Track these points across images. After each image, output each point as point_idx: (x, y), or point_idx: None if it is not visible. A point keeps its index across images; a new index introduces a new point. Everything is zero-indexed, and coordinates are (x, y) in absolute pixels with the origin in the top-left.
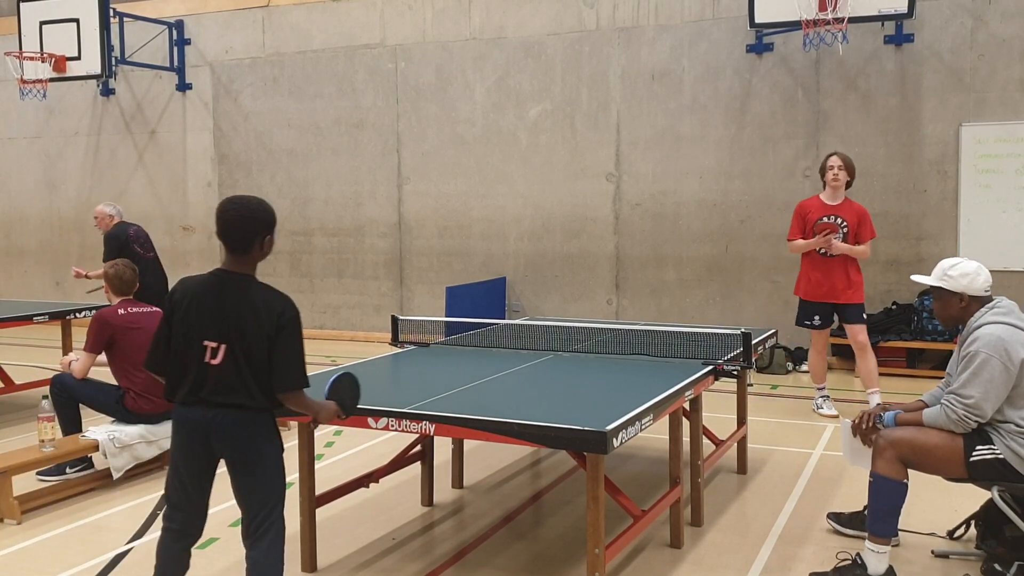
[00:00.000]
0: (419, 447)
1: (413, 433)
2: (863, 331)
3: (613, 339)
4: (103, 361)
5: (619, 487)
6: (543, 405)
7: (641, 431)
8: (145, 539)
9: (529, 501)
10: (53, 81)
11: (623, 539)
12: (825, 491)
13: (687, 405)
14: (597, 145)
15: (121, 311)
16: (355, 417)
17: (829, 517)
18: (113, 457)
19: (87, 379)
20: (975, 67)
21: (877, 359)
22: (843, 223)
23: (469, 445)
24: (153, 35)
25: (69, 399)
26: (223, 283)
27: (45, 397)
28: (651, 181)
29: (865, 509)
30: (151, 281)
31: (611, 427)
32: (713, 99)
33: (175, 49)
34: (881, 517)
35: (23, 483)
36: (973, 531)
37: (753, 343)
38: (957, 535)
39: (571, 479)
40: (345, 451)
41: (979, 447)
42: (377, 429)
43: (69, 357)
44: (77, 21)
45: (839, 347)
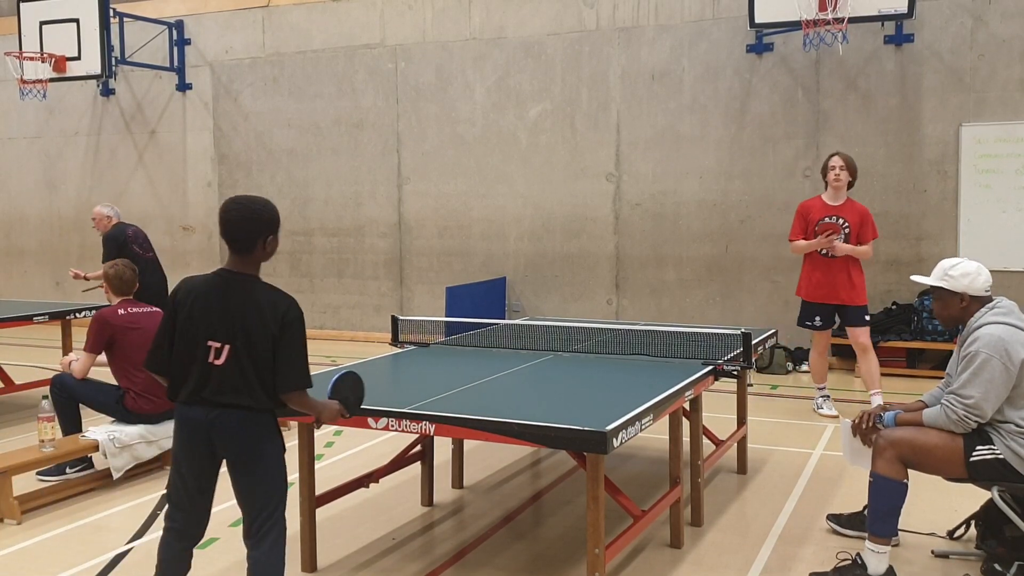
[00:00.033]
0: (419, 447)
1: (413, 433)
2: (865, 333)
3: (613, 339)
4: (103, 361)
5: (619, 487)
6: (543, 405)
7: (641, 431)
8: (145, 539)
9: (529, 501)
10: (53, 81)
11: (623, 539)
12: (825, 491)
13: (687, 405)
14: (597, 145)
15: (121, 311)
16: (355, 417)
17: (829, 519)
18: (113, 457)
19: (87, 379)
20: (975, 67)
21: (877, 359)
22: (845, 223)
23: (469, 445)
24: (153, 35)
25: (69, 399)
26: (227, 283)
27: (45, 397)
28: (651, 181)
29: (865, 509)
30: (151, 281)
31: (611, 427)
32: (713, 99)
33: (175, 49)
34: (881, 517)
35: (23, 483)
36: (973, 531)
37: (753, 343)
38: (957, 535)
39: (571, 479)
40: (345, 451)
41: (979, 447)
42: (377, 429)
43: (69, 357)
44: (77, 21)
45: (839, 347)
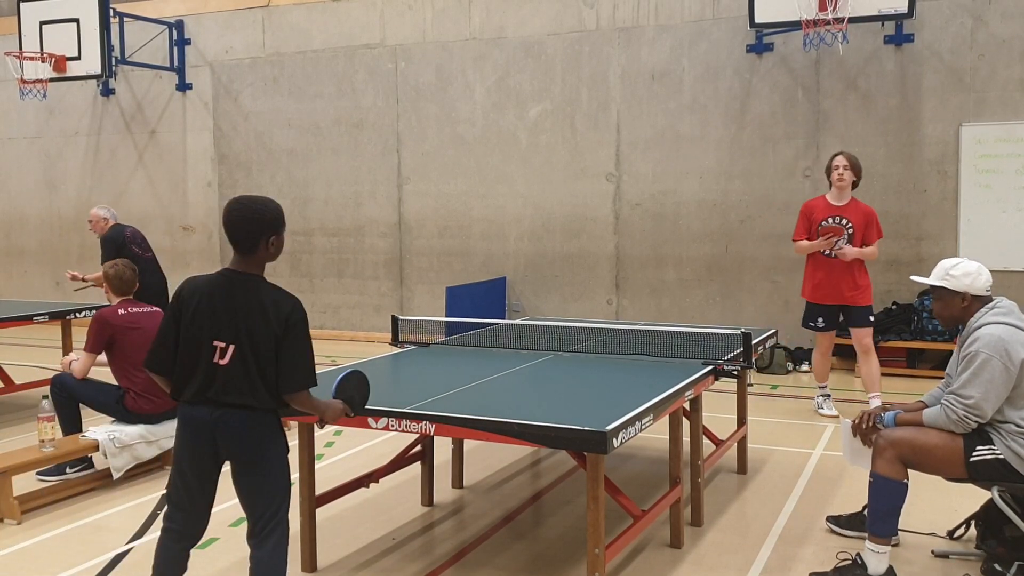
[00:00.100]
0: (419, 447)
1: (413, 433)
2: (868, 335)
3: (613, 339)
4: (103, 361)
5: (619, 487)
6: (543, 405)
7: (641, 431)
8: (145, 539)
9: (529, 501)
10: (53, 81)
11: (623, 539)
12: (825, 491)
13: (687, 405)
14: (597, 145)
15: (121, 311)
16: (356, 417)
17: (828, 520)
18: (113, 457)
19: (87, 379)
20: (975, 67)
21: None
22: (849, 224)
23: (469, 445)
24: (153, 35)
25: (69, 399)
26: (231, 283)
27: (45, 397)
28: (651, 181)
29: (864, 509)
30: (151, 281)
31: (611, 427)
32: (713, 99)
33: (175, 49)
34: (881, 517)
35: (23, 483)
36: (973, 531)
37: (753, 343)
38: (957, 535)
39: (571, 479)
40: (345, 451)
41: (979, 447)
42: (377, 429)
43: (69, 357)
44: (77, 21)
45: (840, 347)
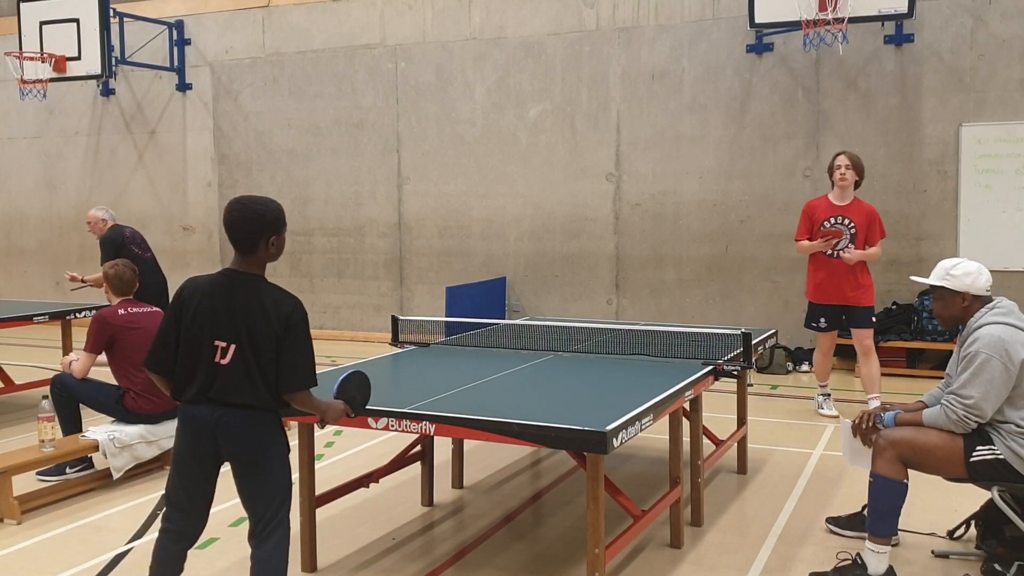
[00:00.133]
0: (419, 447)
1: (413, 433)
2: (869, 336)
3: (613, 339)
4: (103, 361)
5: (619, 487)
6: (543, 405)
7: (641, 431)
8: (145, 539)
9: (529, 501)
10: (53, 81)
11: (623, 539)
12: (825, 491)
13: (687, 405)
14: (597, 145)
15: (121, 311)
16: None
17: (828, 521)
18: (113, 457)
19: (87, 379)
20: (975, 67)
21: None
22: (851, 224)
23: (469, 445)
24: (153, 35)
25: (69, 399)
26: (232, 283)
27: (45, 397)
28: (651, 181)
29: (863, 509)
30: (151, 281)
31: (611, 427)
32: (713, 99)
33: (175, 49)
34: (881, 517)
35: (23, 483)
36: (973, 531)
37: (753, 343)
38: (957, 535)
39: (571, 479)
40: (345, 451)
41: (979, 447)
42: (377, 429)
43: (69, 357)
44: (77, 21)
45: (841, 347)
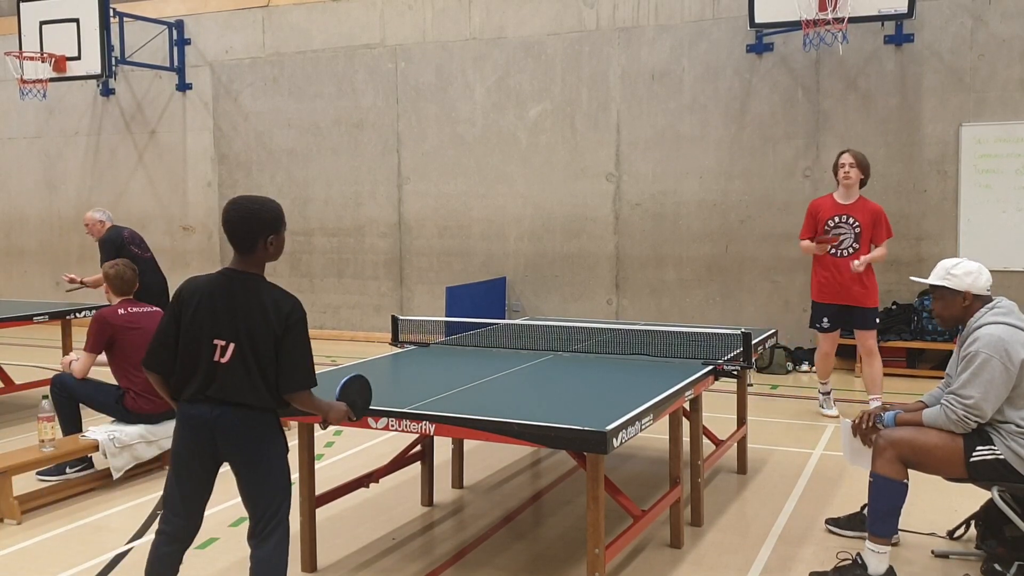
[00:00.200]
0: (419, 447)
1: (413, 433)
2: (872, 337)
3: (613, 339)
4: (103, 361)
5: (619, 487)
6: (543, 405)
7: (641, 431)
8: (145, 539)
9: (529, 501)
10: (53, 81)
11: (623, 539)
12: (825, 491)
13: (687, 405)
14: (597, 145)
15: (121, 311)
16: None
17: (827, 522)
18: (113, 457)
19: (87, 379)
20: (975, 67)
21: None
22: (855, 223)
23: (469, 445)
24: (153, 35)
25: (69, 399)
26: (232, 282)
27: (45, 397)
28: (651, 181)
29: (863, 509)
30: (151, 281)
31: (611, 427)
32: (713, 99)
33: (175, 49)
34: (881, 517)
35: (23, 483)
36: (973, 531)
37: (753, 343)
38: (957, 535)
39: (571, 479)
40: (345, 451)
41: (979, 447)
42: (377, 429)
43: (69, 357)
44: (77, 21)
45: (842, 347)
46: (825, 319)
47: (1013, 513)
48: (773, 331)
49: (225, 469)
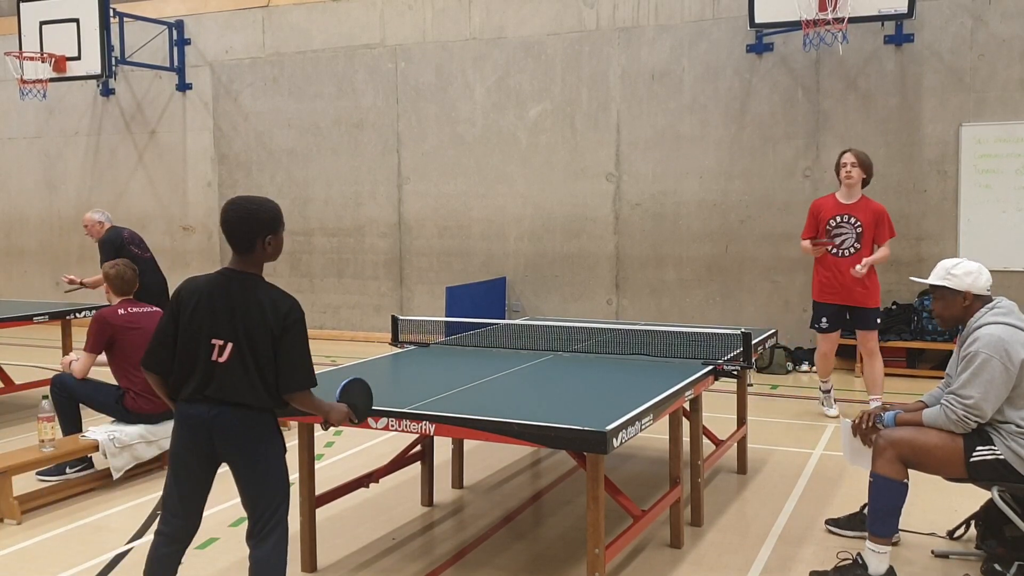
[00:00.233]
0: (419, 447)
1: (413, 433)
2: (873, 338)
3: (613, 339)
4: (103, 361)
5: (619, 487)
6: (543, 405)
7: (641, 431)
8: (145, 539)
9: (529, 501)
10: (53, 81)
11: (623, 539)
12: (825, 491)
13: (687, 405)
14: (597, 145)
15: (121, 311)
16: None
17: (827, 523)
18: (113, 457)
19: (87, 379)
20: (975, 67)
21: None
22: (857, 223)
23: (469, 445)
24: (153, 35)
25: (69, 399)
26: (230, 282)
27: (45, 397)
28: (651, 181)
29: (863, 509)
30: (151, 281)
31: (611, 427)
32: (713, 99)
33: (175, 49)
34: (881, 517)
35: (23, 483)
36: (973, 531)
37: (753, 343)
38: (957, 535)
39: (571, 479)
40: (345, 451)
41: (979, 447)
42: (377, 429)
43: (69, 357)
44: (77, 21)
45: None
46: (824, 319)
47: (1013, 513)
48: (773, 331)
49: (224, 469)
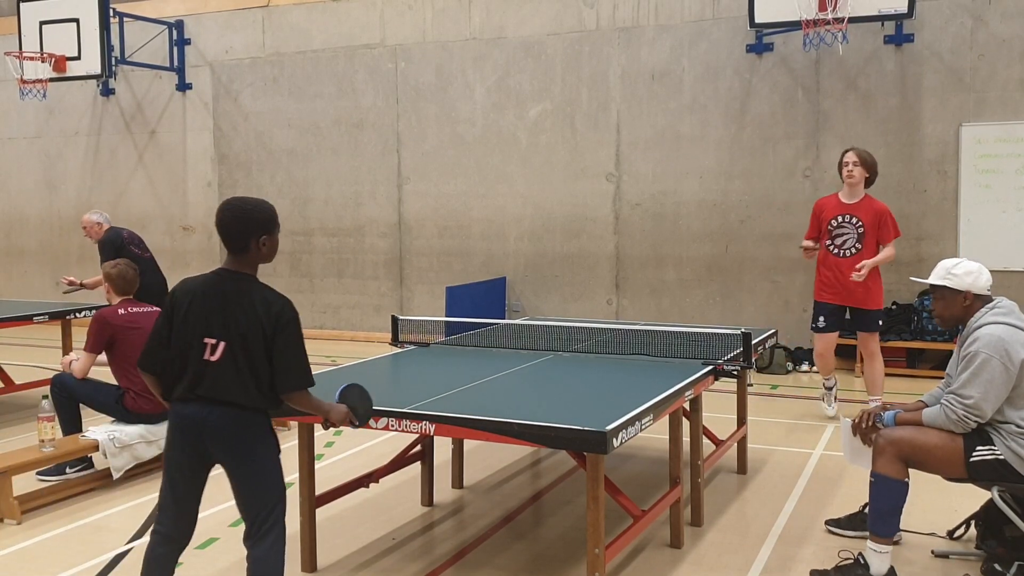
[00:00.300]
0: (419, 447)
1: (413, 433)
2: (874, 339)
3: (613, 339)
4: (103, 361)
5: (619, 487)
6: (543, 405)
7: (641, 431)
8: (145, 539)
9: (529, 501)
10: (53, 81)
11: (623, 539)
12: (825, 491)
13: (687, 405)
14: (597, 145)
15: (121, 311)
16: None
17: (827, 523)
18: (113, 457)
19: (87, 379)
20: (975, 67)
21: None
22: (858, 223)
23: (469, 445)
24: (153, 35)
25: (69, 399)
26: (224, 282)
27: (45, 397)
28: (651, 181)
29: (863, 509)
30: (151, 282)
31: (611, 427)
32: (713, 99)
33: (175, 49)
34: (882, 517)
35: (23, 483)
36: (973, 531)
37: (753, 343)
38: (957, 535)
39: (571, 479)
40: (345, 451)
41: (979, 447)
42: (377, 429)
43: (69, 357)
44: (77, 21)
45: (842, 347)
46: (821, 318)
47: (1013, 513)
48: (773, 331)
49: (220, 470)
